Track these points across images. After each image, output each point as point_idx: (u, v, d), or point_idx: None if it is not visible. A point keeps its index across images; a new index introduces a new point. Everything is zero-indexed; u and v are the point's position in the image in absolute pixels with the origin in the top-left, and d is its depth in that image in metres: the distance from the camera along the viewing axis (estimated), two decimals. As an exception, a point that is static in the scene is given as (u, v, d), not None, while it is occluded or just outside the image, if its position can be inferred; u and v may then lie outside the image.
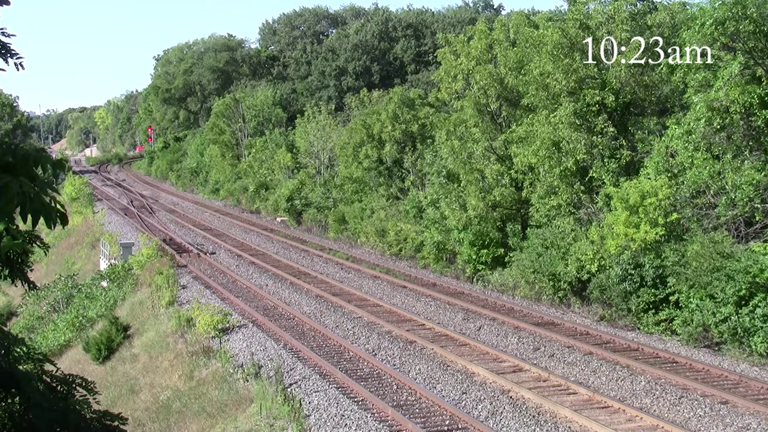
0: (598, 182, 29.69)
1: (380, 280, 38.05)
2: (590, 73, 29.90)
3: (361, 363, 25.31)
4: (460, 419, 19.97)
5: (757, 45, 23.80)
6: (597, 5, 31.18)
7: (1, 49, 6.86)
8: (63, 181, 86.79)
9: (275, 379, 23.40)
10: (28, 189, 6.07)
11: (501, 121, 36.80)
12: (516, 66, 34.48)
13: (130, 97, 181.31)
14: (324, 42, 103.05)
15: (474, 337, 27.42)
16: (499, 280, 34.40)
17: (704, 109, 23.99)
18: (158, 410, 26.49)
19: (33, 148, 6.53)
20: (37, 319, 45.87)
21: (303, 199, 57.93)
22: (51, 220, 6.28)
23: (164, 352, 31.37)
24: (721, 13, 23.27)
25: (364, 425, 19.97)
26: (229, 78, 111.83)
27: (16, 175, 6.14)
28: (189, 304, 34.74)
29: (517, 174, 34.58)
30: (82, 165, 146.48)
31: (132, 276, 42.77)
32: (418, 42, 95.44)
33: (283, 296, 35.71)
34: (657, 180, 25.83)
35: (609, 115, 30.13)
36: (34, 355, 7.83)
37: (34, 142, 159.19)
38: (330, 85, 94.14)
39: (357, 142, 51.06)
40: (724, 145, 24.97)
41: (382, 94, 69.87)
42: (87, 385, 7.82)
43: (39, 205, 6.13)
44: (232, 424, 22.67)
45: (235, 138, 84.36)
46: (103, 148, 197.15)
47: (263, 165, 69.05)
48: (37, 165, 6.39)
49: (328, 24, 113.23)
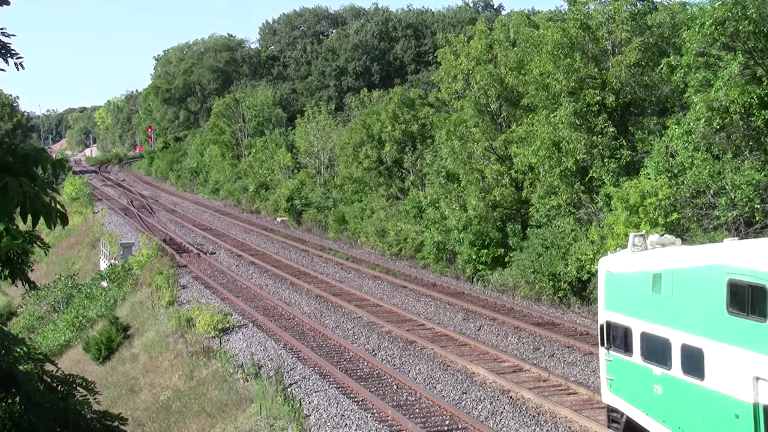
0: (598, 182, 29.67)
1: (380, 280, 38.05)
2: (590, 73, 29.90)
3: (361, 363, 25.31)
4: (460, 419, 19.96)
5: (757, 45, 23.79)
6: (597, 5, 31.17)
7: (1, 49, 6.86)
8: (63, 181, 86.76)
9: (275, 379, 23.39)
10: (28, 189, 6.07)
11: (501, 121, 36.80)
12: (516, 66, 34.47)
13: (130, 97, 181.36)
14: (324, 42, 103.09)
15: (474, 337, 27.42)
16: (499, 280, 34.40)
17: (704, 109, 23.98)
18: (158, 410, 26.48)
19: (33, 148, 6.53)
20: (37, 319, 45.87)
21: (303, 199, 57.93)
22: (51, 220, 6.28)
23: (164, 352, 31.37)
24: (721, 13, 23.25)
25: (364, 425, 19.97)
26: (229, 78, 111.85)
27: (16, 175, 6.13)
28: (189, 304, 34.74)
29: (517, 174, 34.58)
30: (82, 165, 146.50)
31: (132, 276, 42.76)
32: (418, 42, 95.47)
33: (283, 296, 35.71)
34: (657, 180, 25.82)
35: (609, 115, 30.13)
36: (35, 355, 7.83)
37: (34, 142, 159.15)
38: (330, 85, 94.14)
39: (357, 142, 51.07)
40: (724, 145, 24.97)
41: (382, 94, 69.88)
42: (87, 385, 7.82)
43: (39, 205, 6.13)
44: (232, 424, 22.67)
45: (235, 138, 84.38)
46: (103, 148, 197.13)
47: (263, 165, 69.06)
48: (37, 165, 6.39)
49: (328, 24, 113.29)
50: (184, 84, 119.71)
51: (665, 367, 15.28)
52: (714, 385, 14.07)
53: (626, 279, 16.87)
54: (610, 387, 17.16)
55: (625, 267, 16.95)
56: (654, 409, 15.80)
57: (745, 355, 13.41)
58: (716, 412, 14.09)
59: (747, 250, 14.74)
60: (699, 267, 14.89)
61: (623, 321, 16.58)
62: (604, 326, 17.18)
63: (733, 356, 13.72)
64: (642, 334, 15.94)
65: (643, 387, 15.97)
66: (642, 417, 16.10)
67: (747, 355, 13.38)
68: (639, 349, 16.04)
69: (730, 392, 13.74)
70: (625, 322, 16.51)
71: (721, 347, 13.95)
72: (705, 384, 14.27)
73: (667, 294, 15.39)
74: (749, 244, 15.91)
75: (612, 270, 17.29)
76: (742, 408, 13.55)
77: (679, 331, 14.96)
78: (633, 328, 16.22)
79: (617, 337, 16.84)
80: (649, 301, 15.87)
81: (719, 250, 14.98)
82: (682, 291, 15.12)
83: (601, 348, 17.51)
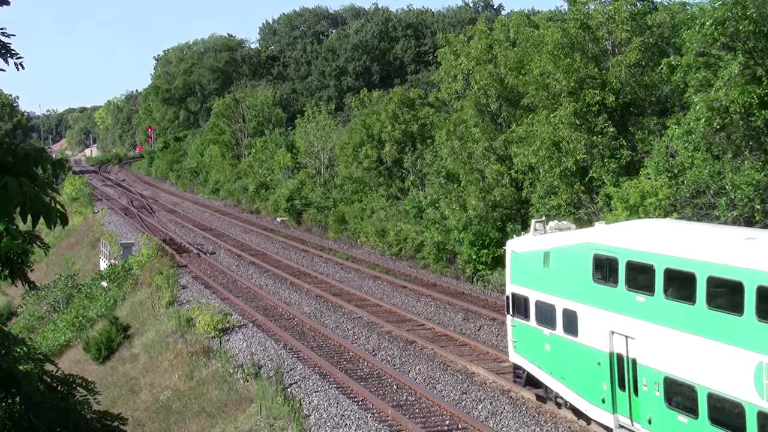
0: (598, 182, 29.66)
1: (380, 280, 38.05)
2: (590, 73, 29.89)
3: (361, 363, 25.32)
4: (460, 419, 19.97)
5: (757, 45, 23.77)
6: (597, 5, 31.16)
7: (1, 49, 6.87)
8: (63, 181, 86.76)
9: (275, 379, 23.39)
10: (28, 189, 6.07)
11: (501, 121, 36.80)
12: (516, 66, 34.46)
13: (130, 97, 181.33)
14: (324, 42, 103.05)
15: (474, 337, 27.42)
16: (499, 280, 34.36)
17: (704, 109, 23.96)
18: (158, 410, 26.49)
19: (33, 148, 6.53)
20: (37, 319, 45.88)
21: (303, 199, 57.91)
22: (51, 220, 6.28)
23: (164, 352, 31.37)
24: (721, 13, 23.23)
25: (364, 425, 19.97)
26: (229, 78, 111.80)
27: (16, 175, 6.13)
28: (189, 304, 34.74)
29: (517, 174, 34.56)
30: (82, 165, 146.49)
31: (132, 276, 42.76)
32: (418, 42, 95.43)
33: (283, 296, 35.70)
34: (657, 180, 25.80)
35: (609, 115, 30.12)
36: (35, 355, 7.84)
37: (34, 142, 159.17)
38: (330, 85, 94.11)
39: (357, 142, 51.06)
40: (724, 145, 24.94)
41: (382, 94, 69.85)
42: (87, 385, 7.83)
43: (39, 205, 6.14)
44: (232, 424, 22.68)
45: (235, 138, 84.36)
46: (103, 148, 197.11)
47: (263, 165, 69.05)
48: (37, 165, 6.39)
49: (328, 24, 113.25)
50: (184, 84, 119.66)
51: (552, 328, 19.02)
52: (584, 340, 17.83)
53: (526, 257, 20.34)
54: (514, 348, 20.92)
55: (526, 247, 20.39)
56: (545, 363, 19.54)
57: (604, 314, 17.15)
58: (586, 362, 17.80)
59: (608, 230, 18.25)
60: (575, 245, 18.41)
61: (523, 292, 20.22)
62: (509, 297, 20.82)
63: (596, 316, 17.43)
64: (536, 302, 19.66)
65: (537, 346, 19.76)
66: (537, 371, 19.92)
67: (605, 315, 17.12)
68: (534, 314, 19.76)
69: (595, 345, 17.49)
70: (524, 293, 20.16)
71: (589, 309, 17.67)
72: (578, 340, 18.04)
73: (553, 268, 19.05)
74: (611, 226, 19.25)
75: (516, 250, 20.79)
76: (602, 357, 17.27)
77: (561, 298, 18.64)
78: (530, 298, 19.89)
79: (519, 306, 20.40)
80: (541, 275, 19.55)
81: (589, 232, 18.70)
82: (563, 265, 18.74)
83: (507, 316, 21.11)
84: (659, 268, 15.56)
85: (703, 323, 14.52)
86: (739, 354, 13.78)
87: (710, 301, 14.41)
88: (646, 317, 15.98)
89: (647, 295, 15.91)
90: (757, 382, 13.45)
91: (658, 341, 15.68)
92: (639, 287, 16.18)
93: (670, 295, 15.38)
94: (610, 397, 17.07)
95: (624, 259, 16.49)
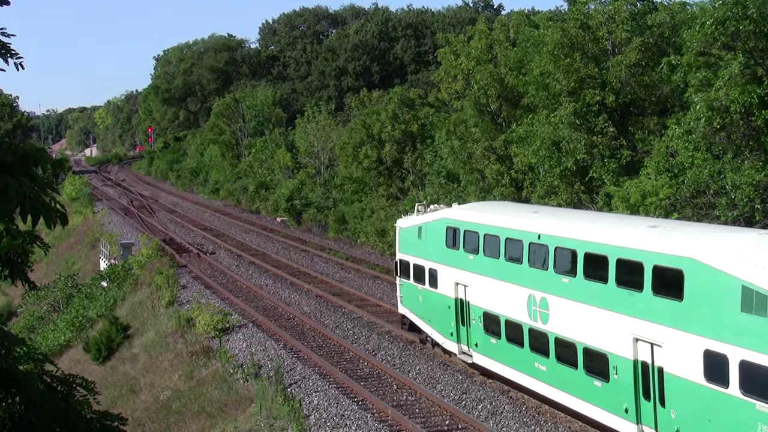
0: (598, 182, 29.65)
1: (380, 280, 38.04)
2: (590, 73, 29.88)
3: (361, 363, 25.32)
4: (460, 419, 19.97)
5: (757, 45, 23.76)
6: (597, 5, 31.15)
7: (1, 49, 6.87)
8: (63, 181, 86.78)
9: (275, 379, 23.39)
10: (28, 189, 6.07)
11: (501, 121, 36.79)
12: (516, 66, 34.45)
13: (130, 97, 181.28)
14: (324, 42, 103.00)
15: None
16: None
17: (704, 109, 23.95)
18: (158, 410, 26.49)
19: (33, 148, 6.53)
20: (37, 319, 45.88)
21: (303, 199, 57.90)
22: (51, 220, 6.28)
23: (164, 352, 31.37)
24: (721, 12, 23.22)
25: (364, 425, 19.97)
26: (229, 78, 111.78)
27: (16, 175, 6.13)
28: (189, 304, 34.73)
29: (517, 174, 34.55)
30: (81, 165, 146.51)
31: (132, 276, 42.76)
32: (418, 42, 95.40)
33: (283, 296, 35.70)
34: (657, 180, 25.80)
35: (609, 115, 30.11)
36: (35, 355, 7.83)
37: (34, 142, 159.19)
38: (330, 85, 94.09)
39: (357, 142, 51.05)
40: (724, 144, 24.94)
41: (382, 94, 69.85)
42: (87, 385, 7.82)
43: (39, 205, 6.14)
44: (232, 424, 22.67)
45: (235, 138, 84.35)
46: (103, 148, 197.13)
47: (263, 165, 69.05)
48: (37, 165, 6.40)
49: (328, 24, 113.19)
50: (184, 84, 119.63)
51: (423, 284, 25.06)
52: (441, 291, 23.95)
53: (407, 231, 26.31)
54: (401, 302, 26.88)
55: (408, 224, 26.31)
56: (419, 312, 25.58)
57: (452, 270, 23.29)
58: (442, 307, 23.90)
59: (458, 210, 24.19)
60: (436, 220, 24.42)
61: (406, 258, 26.15)
62: (397, 263, 26.79)
63: (448, 273, 23.53)
64: (413, 265, 25.60)
65: (415, 299, 25.73)
66: (415, 318, 25.92)
67: (453, 271, 23.26)
68: (412, 275, 25.71)
69: (447, 293, 23.60)
70: (406, 259, 26.10)
71: (444, 268, 23.77)
72: (437, 291, 24.16)
73: (424, 238, 25.05)
74: (462, 207, 25.19)
75: (402, 226, 26.80)
76: (450, 302, 23.45)
77: (428, 261, 24.74)
78: (410, 262, 25.82)
79: (403, 269, 26.29)
80: (416, 244, 25.52)
81: (446, 211, 24.65)
82: (429, 236, 24.70)
83: (396, 277, 27.09)
84: (481, 235, 21.88)
85: (502, 270, 20.79)
86: (519, 290, 20.02)
87: (506, 254, 20.70)
88: (474, 270, 22.17)
89: (474, 254, 22.16)
90: (529, 308, 19.65)
91: (480, 287, 21.93)
92: (470, 249, 22.37)
93: (488, 253, 21.54)
94: (455, 331, 23.33)
95: (462, 229, 22.82)
